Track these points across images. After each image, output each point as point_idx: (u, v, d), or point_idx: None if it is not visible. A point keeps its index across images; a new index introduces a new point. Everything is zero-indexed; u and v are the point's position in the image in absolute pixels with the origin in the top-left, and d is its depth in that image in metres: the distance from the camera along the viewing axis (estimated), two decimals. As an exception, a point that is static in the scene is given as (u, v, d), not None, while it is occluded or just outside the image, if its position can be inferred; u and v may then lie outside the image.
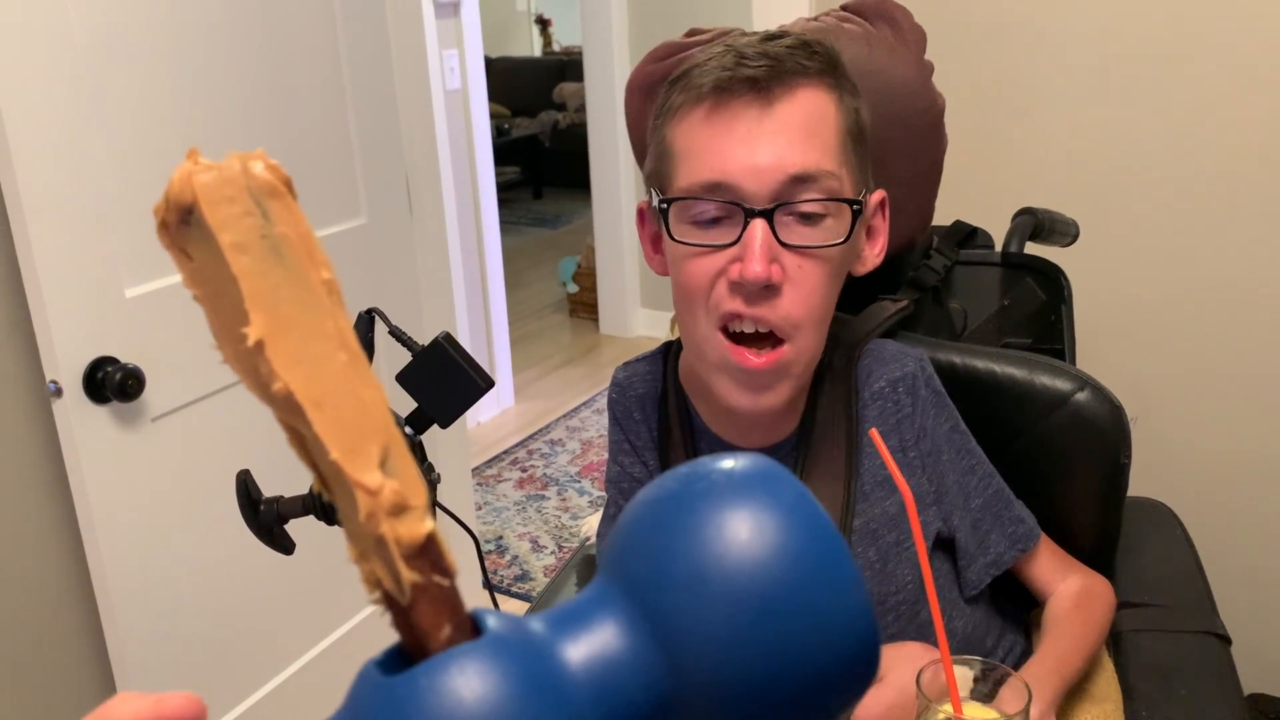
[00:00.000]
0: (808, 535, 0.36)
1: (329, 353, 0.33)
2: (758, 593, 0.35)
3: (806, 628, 0.35)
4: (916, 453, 0.99)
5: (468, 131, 3.42)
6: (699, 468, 0.39)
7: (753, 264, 0.84)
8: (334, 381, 0.33)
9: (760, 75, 0.86)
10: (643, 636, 0.35)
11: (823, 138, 0.88)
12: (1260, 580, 1.87)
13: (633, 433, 1.06)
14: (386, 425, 0.34)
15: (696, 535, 0.36)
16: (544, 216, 6.98)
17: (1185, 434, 1.87)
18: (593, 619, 0.36)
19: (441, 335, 0.78)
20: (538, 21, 8.33)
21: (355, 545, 0.34)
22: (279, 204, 0.34)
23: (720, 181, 0.86)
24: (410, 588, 0.33)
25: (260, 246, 0.33)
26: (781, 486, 0.37)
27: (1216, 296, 1.81)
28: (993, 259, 1.24)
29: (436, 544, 0.33)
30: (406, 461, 0.34)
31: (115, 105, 1.45)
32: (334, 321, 0.34)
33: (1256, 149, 1.72)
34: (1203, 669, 0.99)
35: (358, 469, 0.32)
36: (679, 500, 0.37)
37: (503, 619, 0.35)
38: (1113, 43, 1.78)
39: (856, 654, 0.36)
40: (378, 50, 1.91)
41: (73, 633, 1.59)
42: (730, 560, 0.35)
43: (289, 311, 0.33)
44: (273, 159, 0.34)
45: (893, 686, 0.86)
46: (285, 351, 0.32)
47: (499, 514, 3.07)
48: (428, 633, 0.34)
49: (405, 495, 0.33)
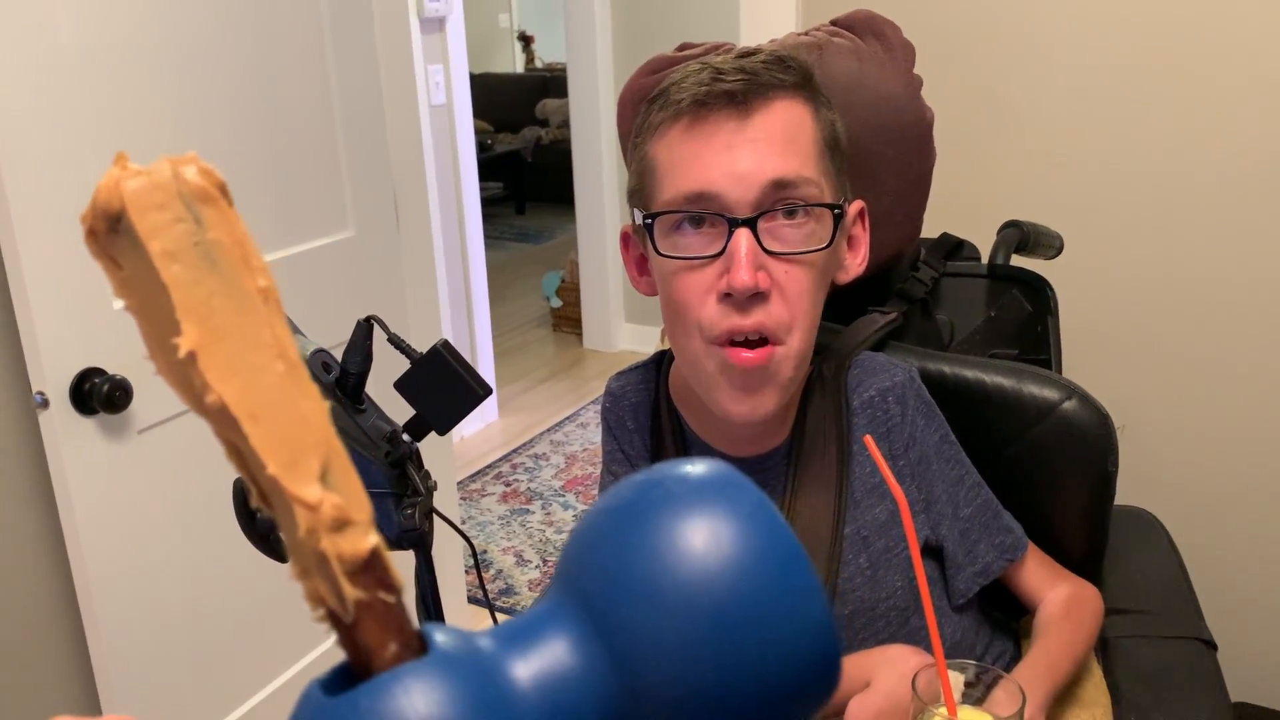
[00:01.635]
0: (765, 544, 0.35)
1: (265, 363, 0.32)
2: (712, 604, 0.33)
3: (764, 639, 0.34)
4: (906, 462, 1.00)
5: (452, 146, 3.42)
6: (655, 475, 0.37)
7: (740, 273, 0.85)
8: (271, 393, 0.32)
9: (737, 89, 0.88)
10: (595, 652, 0.34)
11: (801, 146, 0.89)
12: (1244, 589, 1.89)
13: (626, 442, 1.06)
14: (327, 437, 0.32)
15: (650, 546, 0.35)
16: (527, 232, 6.99)
17: (1170, 443, 1.89)
18: (544, 634, 0.35)
19: (440, 343, 0.78)
20: (520, 38, 8.36)
21: (297, 562, 0.33)
22: (212, 209, 0.33)
23: (703, 191, 0.87)
24: (354, 605, 0.32)
25: (192, 254, 0.32)
26: (739, 494, 0.36)
27: (1201, 307, 1.83)
28: (979, 271, 1.25)
29: (381, 559, 0.32)
30: (349, 475, 0.33)
31: (104, 117, 1.45)
32: (271, 330, 0.32)
33: (1242, 162, 1.75)
34: (1190, 674, 1.00)
35: (296, 483, 0.31)
36: (634, 509, 0.36)
37: (452, 635, 0.34)
38: (1099, 58, 1.81)
39: (816, 664, 0.35)
40: (365, 65, 1.92)
41: (57, 645, 1.57)
42: (684, 571, 0.34)
43: (223, 321, 0.32)
44: (208, 163, 0.33)
45: (879, 692, 0.87)
46: (219, 362, 0.31)
47: (483, 528, 3.06)
48: (373, 651, 0.33)
49: (347, 510, 0.32)
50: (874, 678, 0.87)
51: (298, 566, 0.33)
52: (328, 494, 0.32)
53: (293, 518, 0.32)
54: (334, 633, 0.33)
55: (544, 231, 6.96)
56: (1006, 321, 1.23)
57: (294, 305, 1.65)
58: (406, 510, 0.77)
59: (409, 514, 0.76)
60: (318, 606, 0.33)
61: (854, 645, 0.97)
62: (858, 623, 0.98)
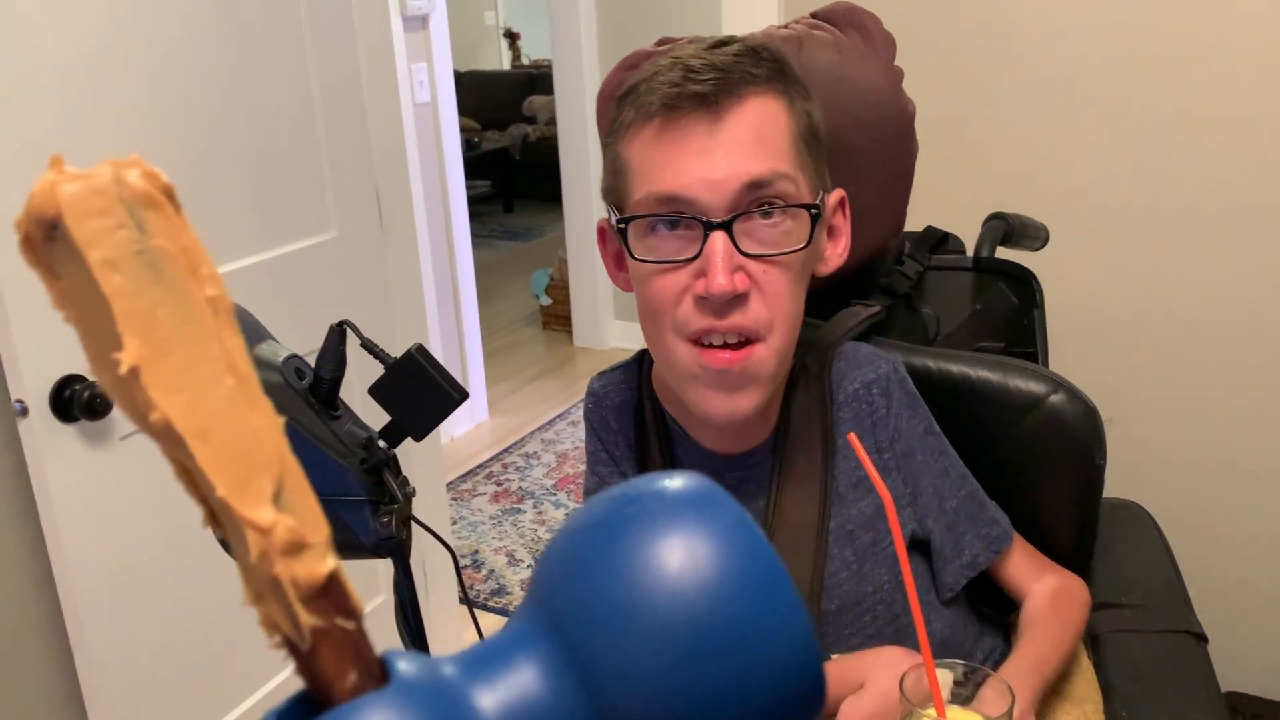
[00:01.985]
0: (744, 563, 0.33)
1: (214, 378, 0.30)
2: (689, 628, 0.32)
3: (743, 663, 0.32)
4: (891, 454, 0.99)
5: (438, 145, 3.41)
6: (630, 490, 0.36)
7: (716, 277, 0.84)
8: (220, 409, 0.30)
9: (708, 90, 0.86)
10: (565, 678, 0.33)
11: (775, 144, 0.88)
12: (1233, 580, 1.88)
13: (610, 442, 1.05)
14: (280, 456, 0.31)
15: (624, 567, 0.33)
16: (515, 230, 6.98)
17: (1158, 436, 1.89)
18: (512, 660, 0.34)
19: (414, 347, 0.77)
20: (506, 35, 8.33)
21: (250, 587, 0.31)
22: (157, 215, 0.30)
23: (675, 194, 0.86)
24: (310, 632, 0.30)
25: (135, 263, 0.30)
26: (718, 510, 0.34)
27: (1187, 299, 1.83)
28: (964, 264, 1.24)
29: (339, 584, 0.31)
30: (304, 495, 0.31)
31: (79, 117, 1.44)
32: (220, 343, 0.30)
33: (1228, 153, 1.75)
34: (1181, 668, 1.00)
35: (247, 505, 0.30)
36: (607, 527, 0.35)
37: (415, 662, 0.33)
38: (1083, 48, 1.80)
39: (799, 687, 0.33)
40: (347, 64, 1.90)
41: (42, 655, 1.56)
42: (659, 593, 0.32)
43: (168, 334, 0.30)
44: (153, 166, 0.31)
45: (872, 693, 0.86)
46: (163, 378, 0.29)
47: (474, 528, 3.05)
48: (332, 680, 0.31)
49: (302, 532, 0.30)
50: (868, 679, 0.87)
51: (251, 591, 0.31)
52: (281, 516, 0.30)
53: (244, 541, 0.30)
54: (291, 661, 0.32)
55: (532, 229, 6.94)
56: (992, 314, 1.23)
57: (275, 309, 1.64)
58: (383, 518, 0.75)
59: (385, 521, 0.75)
60: (273, 634, 0.31)
61: (841, 640, 0.97)
62: (845, 618, 0.97)
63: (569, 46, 4.07)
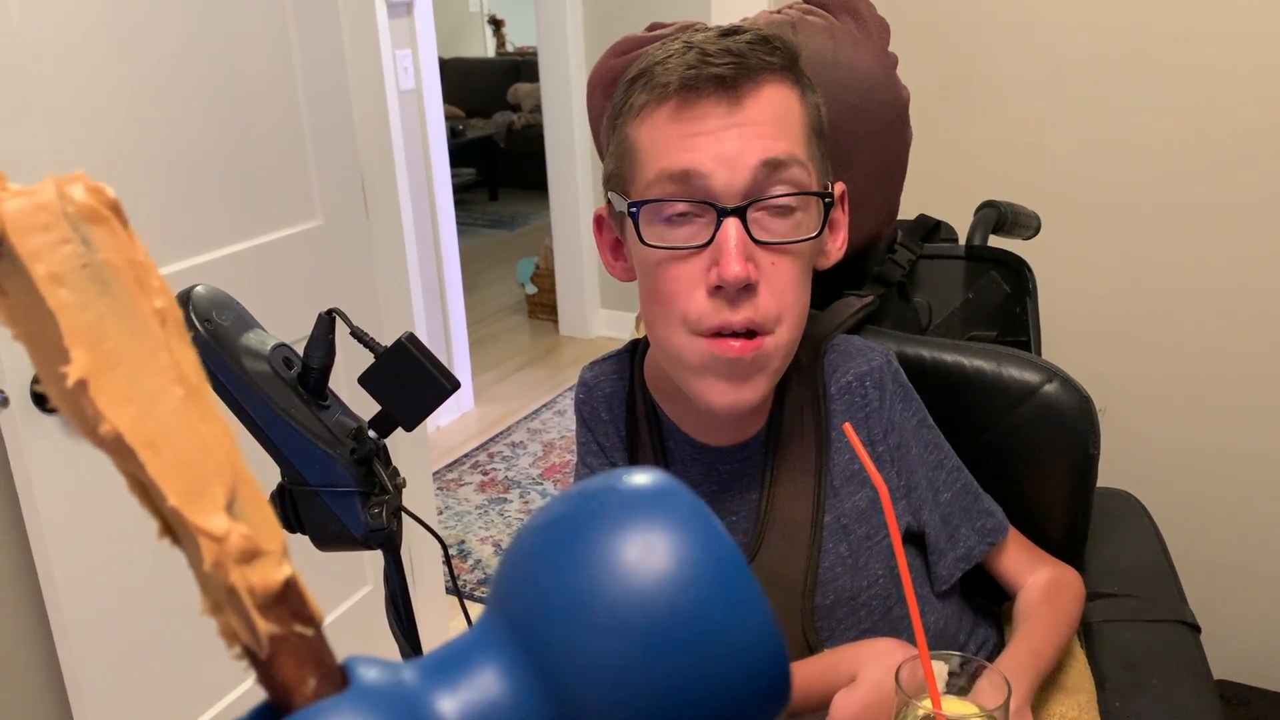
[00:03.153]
0: (702, 555, 0.33)
1: (163, 388, 0.30)
2: (647, 620, 0.32)
3: (704, 653, 0.32)
4: (885, 447, 0.99)
5: (422, 132, 3.38)
6: (587, 487, 0.36)
7: (730, 265, 0.83)
8: (169, 419, 0.30)
9: (727, 74, 0.85)
10: (526, 679, 0.33)
11: (790, 130, 0.87)
12: (1225, 569, 1.89)
13: (601, 433, 1.04)
14: (233, 464, 0.31)
15: (581, 562, 0.33)
16: (500, 218, 6.95)
17: (1150, 425, 1.89)
18: (472, 663, 0.33)
19: (404, 336, 0.75)
20: (491, 22, 8.28)
21: (207, 597, 0.31)
22: (103, 229, 0.31)
23: (690, 169, 0.84)
24: (268, 640, 0.31)
25: (80, 277, 0.30)
26: (674, 502, 0.34)
27: (1179, 288, 1.83)
28: (957, 252, 1.24)
29: (296, 590, 0.31)
30: (258, 502, 0.31)
31: (59, 106, 1.41)
32: (169, 354, 0.31)
33: (1222, 141, 1.74)
34: (1174, 658, 1.00)
35: (199, 514, 0.30)
36: (564, 524, 0.34)
37: (375, 668, 0.33)
38: (1077, 35, 1.80)
39: (762, 678, 0.33)
40: (331, 50, 1.88)
41: (24, 647, 1.54)
42: (616, 588, 0.32)
43: (115, 346, 0.30)
44: (96, 181, 0.31)
45: (866, 685, 0.86)
46: (111, 390, 0.30)
47: (461, 518, 3.04)
48: (291, 688, 0.31)
49: (256, 540, 0.30)
50: (860, 671, 0.86)
51: (209, 601, 0.31)
52: (235, 524, 0.30)
53: (199, 551, 0.30)
54: (252, 670, 0.32)
55: (518, 217, 6.91)
56: (985, 303, 1.22)
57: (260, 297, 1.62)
58: (374, 509, 0.74)
59: (376, 513, 0.74)
60: (233, 644, 0.31)
61: (836, 635, 0.96)
62: (839, 612, 0.96)
63: (555, 33, 4.05)
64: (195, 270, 1.62)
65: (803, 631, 0.96)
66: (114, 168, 1.50)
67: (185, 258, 1.62)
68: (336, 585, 2.03)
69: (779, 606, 0.96)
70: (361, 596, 2.08)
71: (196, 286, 0.73)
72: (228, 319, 0.73)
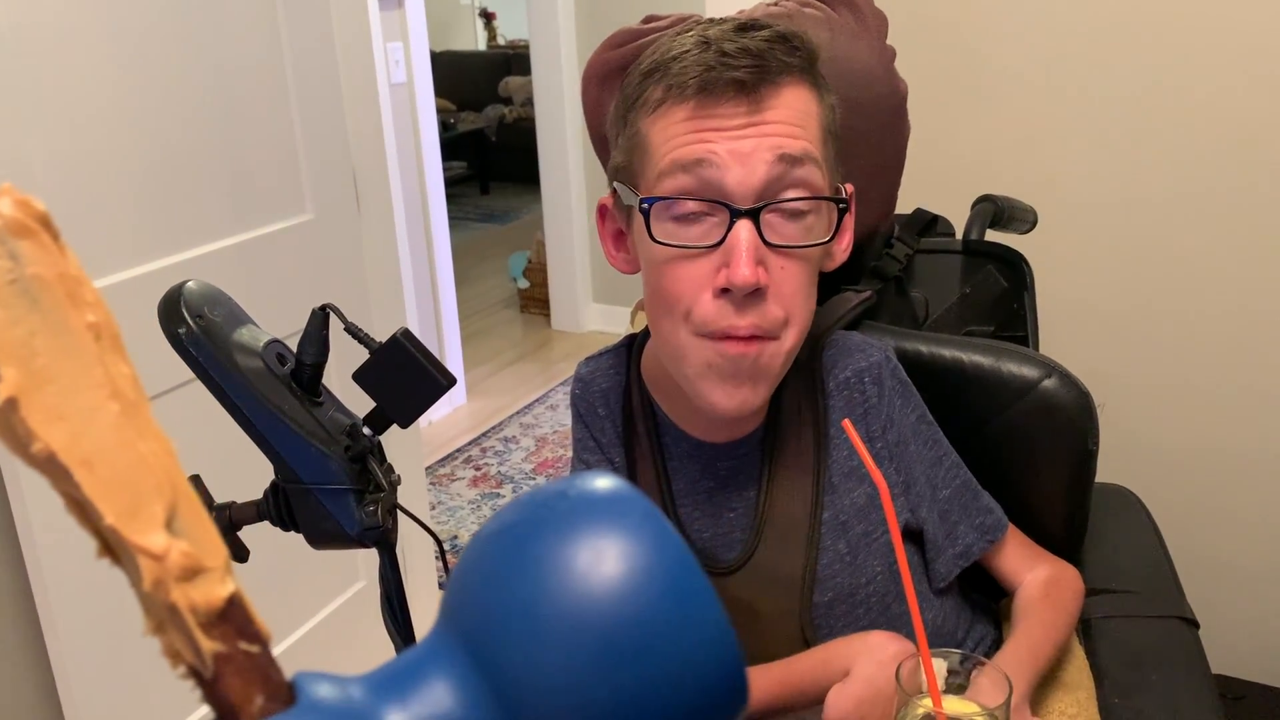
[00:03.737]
0: (653, 561, 0.32)
1: (97, 404, 0.30)
2: (598, 627, 0.31)
3: (658, 658, 0.32)
4: (884, 443, 0.98)
5: (414, 126, 3.37)
6: (539, 494, 0.35)
7: (740, 268, 0.82)
8: (105, 436, 0.30)
9: (747, 78, 0.83)
10: (478, 691, 0.32)
11: (809, 130, 0.86)
12: (1222, 564, 1.89)
13: (597, 429, 1.03)
14: (172, 480, 0.31)
15: (530, 572, 0.32)
16: (492, 212, 6.92)
17: (1149, 421, 1.89)
18: (423, 677, 0.33)
19: (400, 332, 0.74)
20: (482, 15, 8.25)
21: (149, 616, 0.31)
22: (31, 244, 0.30)
23: (702, 157, 0.83)
24: (212, 658, 0.30)
25: (9, 292, 0.29)
26: (624, 506, 0.34)
27: (1177, 283, 1.83)
28: (954, 247, 1.23)
29: (241, 607, 0.31)
30: (199, 519, 0.31)
31: (44, 101, 1.40)
32: (104, 369, 0.30)
33: (1217, 137, 1.74)
34: (1173, 654, 0.99)
35: (137, 532, 0.29)
36: (514, 534, 0.34)
37: (325, 684, 0.32)
38: (1075, 29, 1.79)
39: (718, 684, 0.33)
40: (321, 43, 1.87)
41: (15, 648, 1.53)
42: (566, 596, 0.32)
43: (47, 362, 0.29)
44: (24, 194, 0.31)
45: (859, 680, 0.85)
46: (43, 407, 0.29)
47: (453, 513, 3.03)
48: (238, 706, 0.31)
49: (197, 557, 0.30)
50: (853, 665, 0.86)
51: (151, 621, 0.31)
52: (175, 541, 0.30)
53: (138, 569, 0.30)
54: (198, 690, 0.31)
55: (509, 211, 6.89)
56: (982, 298, 1.21)
57: (250, 292, 1.60)
58: (368, 507, 0.73)
59: (371, 510, 0.73)
60: (177, 664, 0.31)
61: (834, 632, 0.95)
62: (838, 609, 0.96)
63: (546, 27, 4.03)
64: (185, 265, 1.61)
65: (801, 629, 0.95)
66: (103, 162, 1.48)
67: (175, 253, 1.61)
68: (328, 582, 2.02)
69: (777, 604, 0.96)
70: (353, 593, 2.07)
71: (188, 282, 0.72)
72: (220, 315, 0.72)
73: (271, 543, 1.05)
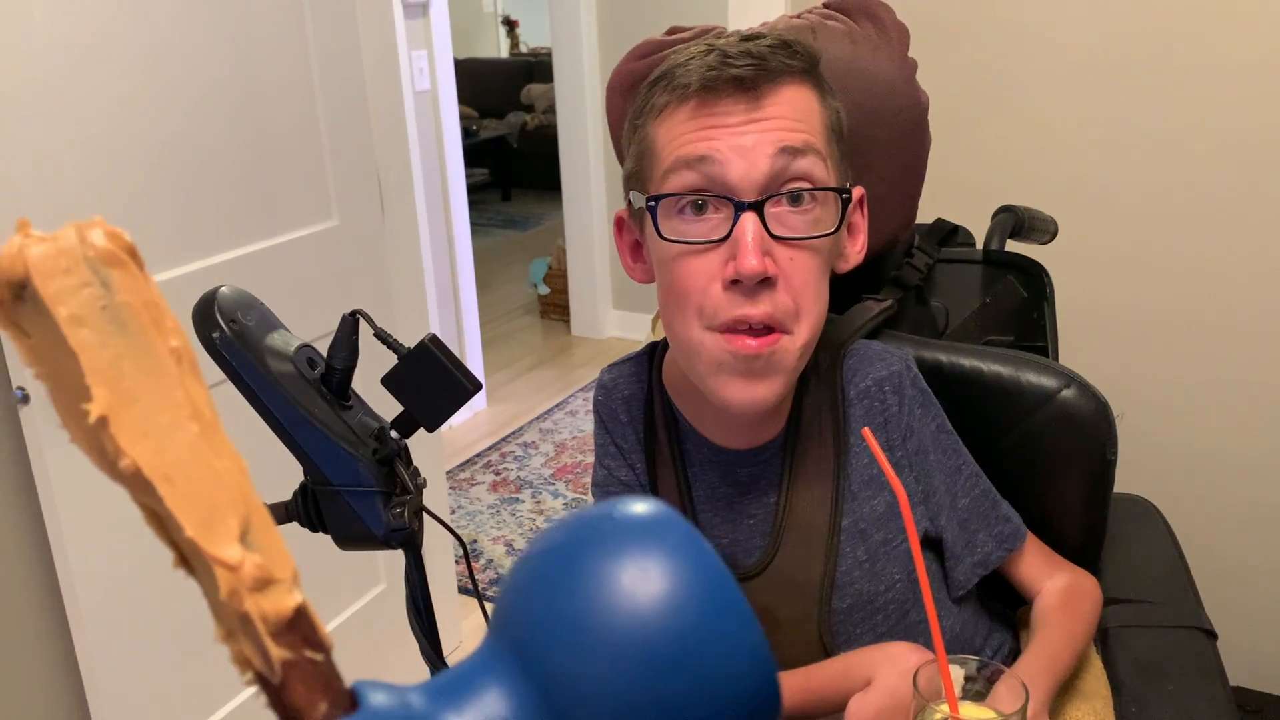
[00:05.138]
0: (694, 579, 0.34)
1: (179, 424, 0.32)
2: (642, 644, 0.33)
3: (698, 677, 0.33)
4: (903, 452, 0.99)
5: (437, 133, 3.39)
6: (585, 516, 0.37)
7: (747, 258, 0.83)
8: (185, 454, 0.32)
9: (747, 75, 0.85)
10: (529, 702, 0.34)
11: (809, 125, 0.88)
12: (1240, 575, 1.88)
13: (619, 435, 1.04)
14: (245, 496, 0.32)
15: (578, 589, 0.34)
16: (513, 218, 6.96)
17: (1167, 430, 1.88)
18: (477, 686, 0.35)
19: (428, 337, 0.76)
20: (505, 23, 8.30)
21: (221, 624, 0.33)
22: (120, 272, 0.32)
23: (706, 154, 0.85)
24: (280, 666, 0.32)
25: (100, 318, 0.31)
26: (666, 529, 0.36)
27: (1197, 293, 1.82)
28: (974, 257, 1.24)
29: (307, 617, 0.32)
30: (270, 533, 0.33)
31: (84, 111, 1.42)
32: (184, 391, 0.32)
33: (1239, 146, 1.74)
34: (1190, 664, 0.99)
35: (214, 544, 0.31)
36: (563, 553, 0.36)
37: (383, 692, 0.34)
38: (1094, 41, 1.80)
39: (753, 695, 0.34)
40: (348, 51, 1.89)
41: (41, 641, 1.55)
42: (612, 613, 0.34)
43: (134, 384, 0.31)
44: (114, 226, 0.33)
45: (880, 689, 0.86)
46: (130, 426, 0.31)
47: (473, 518, 3.05)
48: (303, 712, 0.32)
49: (269, 569, 0.32)
50: (875, 675, 0.86)
51: (223, 629, 0.33)
52: (248, 554, 0.32)
53: (214, 580, 0.31)
54: (264, 696, 0.33)
55: (530, 218, 6.92)
56: (1002, 307, 1.22)
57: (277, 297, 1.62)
58: (395, 509, 0.75)
59: (398, 513, 0.74)
60: (245, 669, 0.33)
61: (852, 639, 0.96)
62: (856, 616, 0.96)
63: (569, 34, 4.05)
64: (213, 270, 1.63)
65: (819, 635, 0.96)
66: (134, 169, 1.51)
67: (203, 258, 1.63)
68: (350, 585, 2.04)
69: (796, 610, 0.96)
70: (374, 596, 2.09)
71: (222, 287, 0.73)
72: (252, 320, 0.73)
73: (292, 546, 1.07)
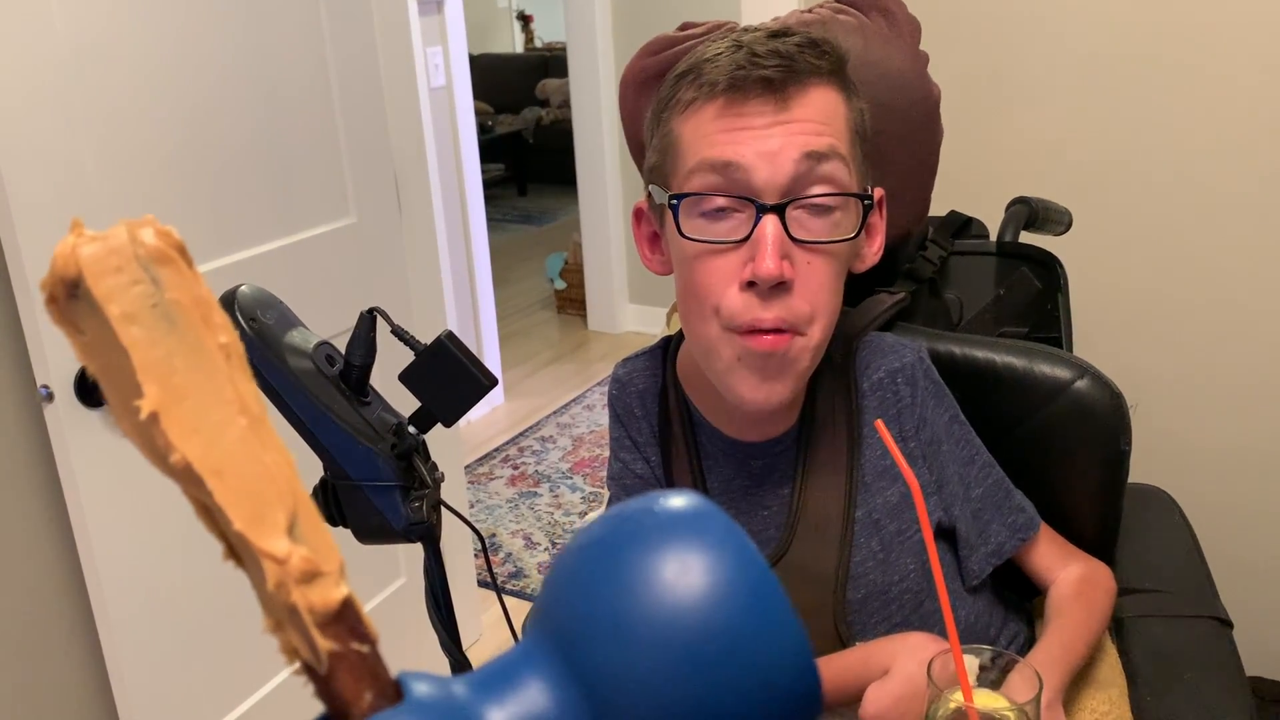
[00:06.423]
0: (735, 573, 0.34)
1: (228, 419, 0.32)
2: (685, 638, 0.33)
3: (739, 671, 0.34)
4: (917, 443, 0.99)
5: (453, 129, 3.41)
6: (626, 510, 0.38)
7: (765, 261, 0.84)
8: (234, 448, 0.32)
9: (775, 76, 0.86)
10: (570, 694, 0.34)
11: (835, 128, 0.88)
12: (1257, 565, 1.88)
13: (634, 429, 1.05)
14: (293, 490, 0.33)
15: (621, 582, 0.35)
16: (529, 213, 6.97)
17: (1181, 420, 1.88)
18: (519, 678, 0.35)
19: (444, 334, 0.77)
20: (519, 18, 8.31)
21: (269, 615, 0.33)
22: (170, 270, 0.33)
23: (731, 160, 0.85)
24: (327, 657, 0.32)
25: (151, 315, 0.32)
26: (708, 524, 0.36)
27: (1210, 284, 1.82)
28: (988, 249, 1.24)
29: (353, 609, 0.33)
30: (317, 526, 0.33)
31: (101, 109, 1.44)
32: (233, 387, 0.33)
33: (1253, 135, 1.73)
34: (1206, 654, 1.00)
35: (263, 537, 0.32)
36: (605, 547, 0.36)
37: (428, 683, 0.34)
38: (1106, 31, 1.79)
39: (794, 692, 0.35)
40: (363, 48, 1.90)
41: (69, 638, 1.58)
42: (655, 607, 0.34)
43: (184, 380, 0.32)
44: (166, 225, 0.33)
45: (898, 678, 0.86)
46: (181, 421, 0.32)
47: (491, 512, 3.06)
48: (349, 702, 0.33)
49: (316, 561, 0.32)
50: (893, 664, 0.87)
51: (270, 620, 0.33)
52: (296, 546, 0.32)
53: (262, 572, 0.32)
54: (311, 685, 0.33)
55: (546, 213, 6.93)
56: (1016, 299, 1.22)
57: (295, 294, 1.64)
58: (414, 503, 0.76)
59: (416, 507, 0.76)
60: (292, 659, 0.33)
61: (867, 629, 0.97)
62: (870, 607, 0.97)
63: (583, 29, 4.06)
64: (231, 268, 1.65)
65: (834, 625, 0.97)
66: (153, 167, 1.53)
67: (221, 256, 1.65)
68: (371, 578, 2.06)
69: (811, 600, 0.97)
70: (395, 589, 2.10)
71: (241, 286, 0.75)
72: (272, 318, 0.75)
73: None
